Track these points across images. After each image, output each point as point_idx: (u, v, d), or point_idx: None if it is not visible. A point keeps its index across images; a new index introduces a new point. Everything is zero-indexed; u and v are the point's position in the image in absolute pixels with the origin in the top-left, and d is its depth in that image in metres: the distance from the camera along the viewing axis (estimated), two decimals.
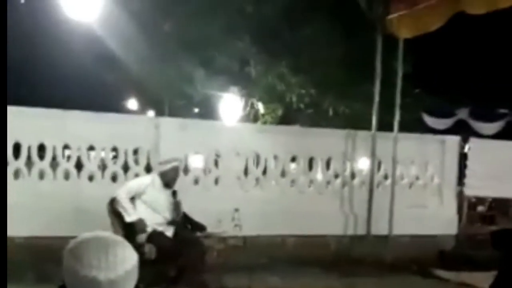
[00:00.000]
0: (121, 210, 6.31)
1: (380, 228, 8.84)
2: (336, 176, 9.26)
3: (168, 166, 6.58)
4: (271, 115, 13.33)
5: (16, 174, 7.78)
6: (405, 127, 9.36)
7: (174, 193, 6.51)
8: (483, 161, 9.82)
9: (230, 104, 13.83)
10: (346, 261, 8.39)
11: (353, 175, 9.34)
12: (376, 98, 9.00)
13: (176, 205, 6.49)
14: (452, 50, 15.37)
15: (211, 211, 7.13)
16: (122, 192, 6.37)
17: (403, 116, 9.32)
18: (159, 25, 12.39)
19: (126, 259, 1.48)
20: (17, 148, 7.77)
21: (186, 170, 8.53)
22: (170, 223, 6.50)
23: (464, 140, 10.35)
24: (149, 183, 6.55)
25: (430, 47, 11.99)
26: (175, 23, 12.48)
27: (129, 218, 6.26)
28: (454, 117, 15.77)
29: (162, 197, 6.49)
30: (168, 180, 6.54)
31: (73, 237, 1.61)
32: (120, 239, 1.59)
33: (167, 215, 6.47)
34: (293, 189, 9.01)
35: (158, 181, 6.54)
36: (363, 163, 9.47)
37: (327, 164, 9.25)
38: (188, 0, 12.01)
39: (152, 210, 6.39)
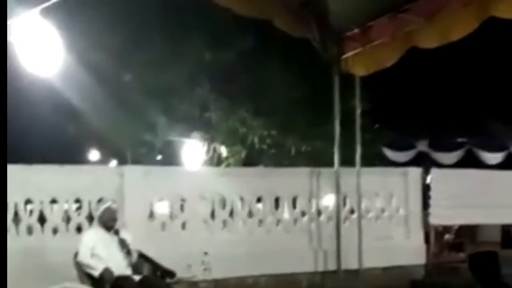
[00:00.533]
0: (88, 270, 6.25)
1: (350, 262, 8.86)
2: (303, 213, 9.30)
3: (101, 209, 6.64)
4: (235, 157, 13.39)
5: None
6: (367, 162, 9.49)
7: (116, 232, 6.49)
8: (446, 190, 9.96)
9: (193, 150, 13.86)
10: None
11: (319, 212, 9.39)
12: (337, 135, 9.10)
13: (123, 244, 6.42)
14: (408, 84, 15.73)
15: (179, 256, 7.06)
16: (81, 255, 6.32)
17: (365, 151, 9.46)
18: (119, 74, 12.46)
19: None
20: None
21: (152, 216, 8.47)
22: (135, 270, 6.43)
23: (426, 171, 10.52)
24: (92, 234, 6.55)
25: (387, 82, 12.27)
26: (134, 72, 12.55)
27: (96, 272, 6.20)
28: (414, 149, 16.07)
29: (108, 242, 6.46)
30: (105, 221, 6.54)
31: None
32: None
33: (119, 258, 6.40)
34: (261, 229, 9.01)
35: (99, 228, 6.58)
36: (329, 199, 9.54)
37: (293, 203, 9.29)
38: (146, 49, 12.12)
39: (108, 259, 6.32)
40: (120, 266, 6.35)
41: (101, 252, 6.36)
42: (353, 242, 8.91)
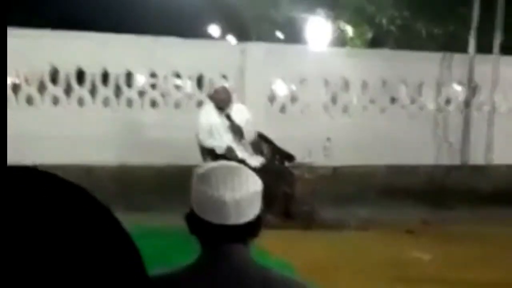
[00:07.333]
0: (210, 147, 6.28)
1: (476, 157, 8.43)
2: (430, 102, 8.80)
3: (214, 88, 6.57)
4: (360, 38, 12.78)
5: (105, 102, 7.84)
6: (505, 50, 8.71)
7: (227, 117, 6.36)
8: None
9: (317, 28, 13.36)
10: (441, 192, 8.04)
11: (448, 101, 8.87)
12: (475, 18, 8.41)
13: (233, 127, 6.34)
14: None
15: (299, 140, 6.94)
16: (201, 136, 6.35)
17: (504, 38, 8.67)
18: None
19: (250, 182, 1.57)
20: (105, 76, 7.80)
21: (272, 98, 8.34)
22: (254, 151, 6.41)
23: None
24: (204, 113, 6.46)
25: None
26: None
27: (218, 150, 6.22)
28: None
29: (218, 122, 6.37)
30: (219, 101, 6.38)
31: (159, 166, 1.47)
32: (244, 167, 1.66)
33: (226, 139, 6.35)
34: (384, 116, 8.65)
35: (211, 108, 6.44)
36: (459, 88, 8.95)
37: (419, 89, 8.80)
38: None
39: (221, 139, 6.30)
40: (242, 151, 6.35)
41: (210, 130, 6.34)
42: (481, 136, 8.41)
